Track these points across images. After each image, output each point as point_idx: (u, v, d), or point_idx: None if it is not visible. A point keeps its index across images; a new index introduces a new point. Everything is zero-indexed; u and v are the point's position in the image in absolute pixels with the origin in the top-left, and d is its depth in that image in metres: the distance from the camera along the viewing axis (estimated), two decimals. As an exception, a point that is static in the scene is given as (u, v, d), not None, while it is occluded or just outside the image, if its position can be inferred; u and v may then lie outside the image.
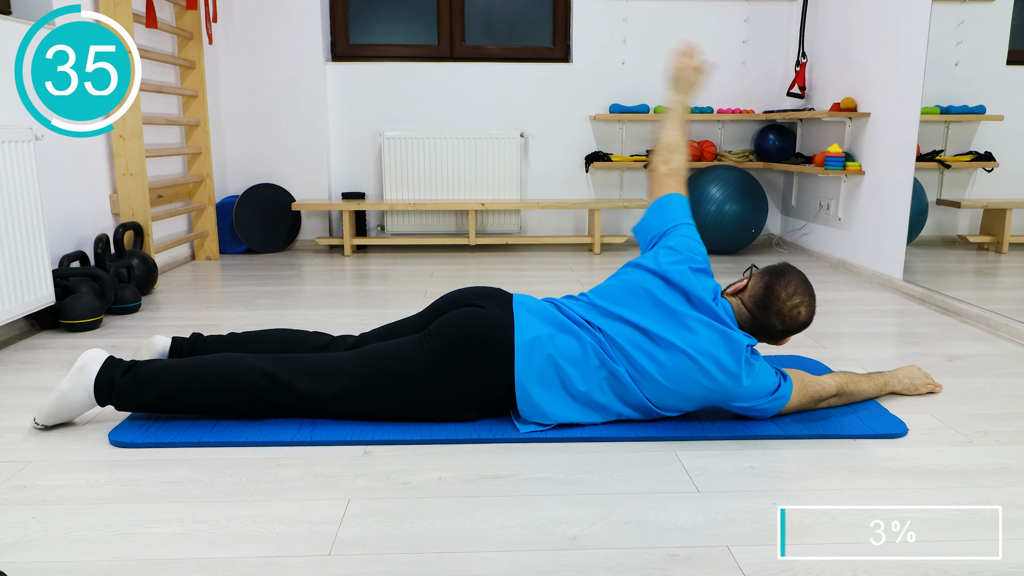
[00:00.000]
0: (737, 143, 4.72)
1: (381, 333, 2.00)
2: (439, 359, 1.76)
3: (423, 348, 1.78)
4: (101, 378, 1.75)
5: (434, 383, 1.77)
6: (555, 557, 1.31)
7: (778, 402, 1.81)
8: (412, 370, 1.77)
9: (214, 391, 1.76)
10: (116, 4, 3.16)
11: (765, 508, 1.47)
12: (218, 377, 1.77)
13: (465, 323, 1.78)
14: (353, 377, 1.78)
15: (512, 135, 4.49)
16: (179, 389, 1.75)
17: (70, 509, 1.46)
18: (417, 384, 1.77)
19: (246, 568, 1.27)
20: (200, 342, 2.00)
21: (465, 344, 1.75)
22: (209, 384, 1.76)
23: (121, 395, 1.75)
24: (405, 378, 1.77)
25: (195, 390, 1.76)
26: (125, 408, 1.78)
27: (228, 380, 1.76)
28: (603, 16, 4.50)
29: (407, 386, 1.77)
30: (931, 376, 2.13)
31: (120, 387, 1.74)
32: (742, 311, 1.83)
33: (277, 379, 1.77)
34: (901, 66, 3.40)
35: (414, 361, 1.77)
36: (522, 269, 3.98)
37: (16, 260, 2.44)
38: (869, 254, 3.71)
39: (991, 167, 3.18)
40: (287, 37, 4.34)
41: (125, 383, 1.74)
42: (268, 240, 4.45)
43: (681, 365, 1.73)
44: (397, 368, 1.77)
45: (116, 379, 1.75)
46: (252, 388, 1.76)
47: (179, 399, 1.76)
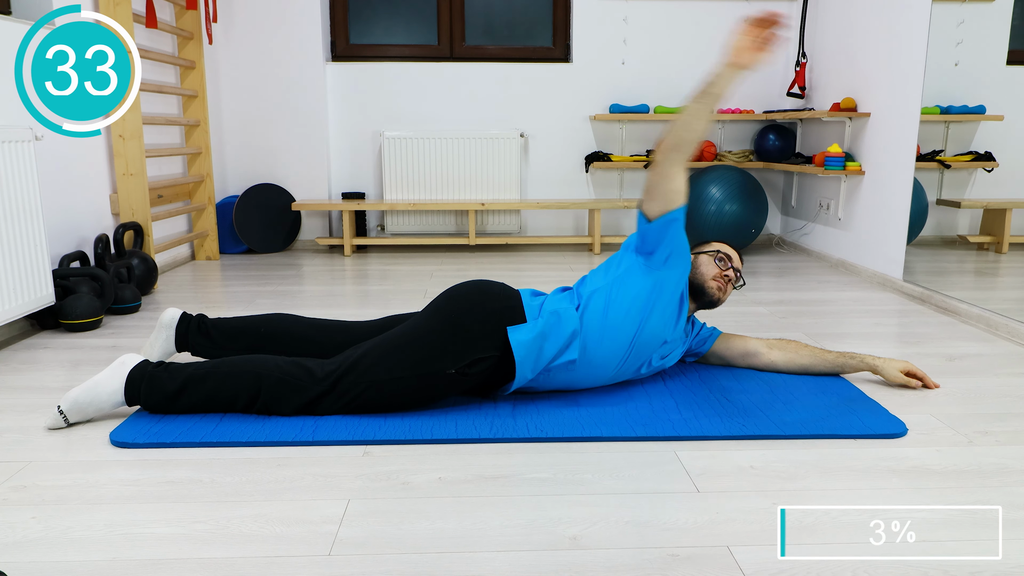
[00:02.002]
0: (737, 143, 4.72)
1: (390, 322, 2.13)
2: (448, 311, 1.91)
3: (432, 306, 1.96)
4: (135, 371, 1.84)
5: (447, 332, 1.87)
6: (555, 557, 1.31)
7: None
8: (422, 327, 1.90)
9: (240, 373, 1.85)
10: (116, 4, 3.16)
11: (765, 508, 1.47)
12: (245, 360, 1.88)
13: (476, 283, 2.00)
14: (371, 346, 1.88)
15: (512, 135, 4.49)
16: (207, 372, 1.85)
17: (70, 509, 1.46)
18: (429, 336, 1.87)
19: (246, 568, 1.27)
20: (209, 321, 2.13)
21: (477, 296, 1.93)
22: (236, 366, 1.86)
23: (151, 382, 1.83)
24: (416, 337, 1.87)
25: (223, 373, 1.85)
26: (152, 397, 1.83)
27: (255, 362, 1.87)
28: (603, 16, 4.50)
29: (420, 343, 1.86)
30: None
31: (152, 375, 1.84)
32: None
33: (302, 365, 1.87)
34: (901, 66, 3.40)
35: (423, 320, 1.92)
36: (522, 269, 3.98)
37: (16, 260, 2.44)
38: (869, 254, 3.71)
39: (991, 167, 3.18)
40: (287, 37, 4.34)
41: (157, 372, 1.85)
42: (268, 240, 4.45)
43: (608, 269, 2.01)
44: (410, 331, 1.89)
45: (149, 369, 1.86)
46: (278, 371, 1.85)
47: (207, 381, 1.84)
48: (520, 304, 1.94)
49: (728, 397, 2.03)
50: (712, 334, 2.26)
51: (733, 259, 2.15)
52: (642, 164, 4.48)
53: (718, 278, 2.10)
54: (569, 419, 1.87)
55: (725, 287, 2.11)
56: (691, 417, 1.89)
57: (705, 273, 2.10)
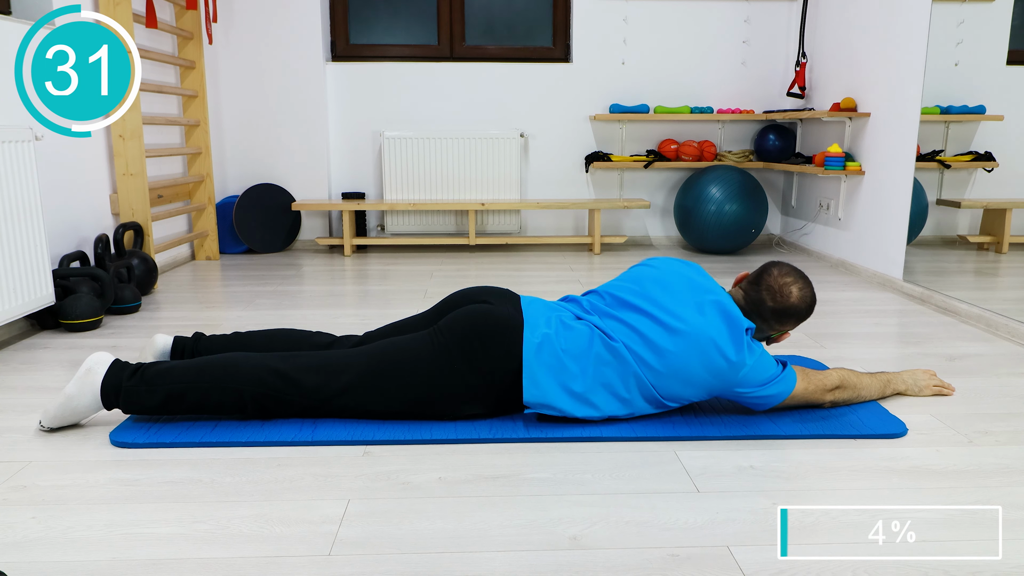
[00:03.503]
0: (737, 143, 4.72)
1: (387, 331, 2.01)
2: (448, 353, 1.77)
3: (432, 343, 1.80)
4: (108, 381, 1.75)
5: (443, 377, 1.78)
6: (555, 557, 1.31)
7: (781, 386, 1.82)
8: (421, 365, 1.78)
9: (223, 389, 1.76)
10: (116, 4, 3.16)
11: (765, 508, 1.47)
12: (227, 375, 1.76)
13: (475, 318, 1.81)
14: (362, 372, 1.79)
15: (512, 135, 4.49)
16: (187, 388, 1.75)
17: (70, 509, 1.46)
18: (426, 378, 1.78)
19: (246, 568, 1.27)
20: (203, 341, 2.00)
21: (475, 338, 1.77)
22: (218, 382, 1.76)
23: (128, 397, 1.74)
24: (414, 373, 1.78)
25: (204, 389, 1.75)
26: (132, 410, 1.77)
27: (237, 378, 1.76)
28: (603, 16, 4.50)
29: (416, 380, 1.78)
30: (941, 379, 2.12)
31: (127, 389, 1.74)
32: (738, 294, 1.91)
33: (286, 376, 1.78)
34: (901, 66, 3.40)
35: (423, 356, 1.78)
36: (522, 269, 3.98)
37: (16, 260, 2.44)
38: (869, 254, 3.71)
39: (991, 167, 3.18)
40: (287, 37, 4.34)
41: (132, 385, 1.74)
42: (268, 240, 4.45)
43: (682, 349, 1.74)
44: (406, 363, 1.79)
45: (123, 381, 1.75)
46: (261, 386, 1.76)
47: (187, 398, 1.75)
48: (520, 341, 1.78)
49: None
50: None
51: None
52: (642, 164, 4.48)
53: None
54: (569, 419, 1.87)
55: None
56: (691, 417, 1.89)
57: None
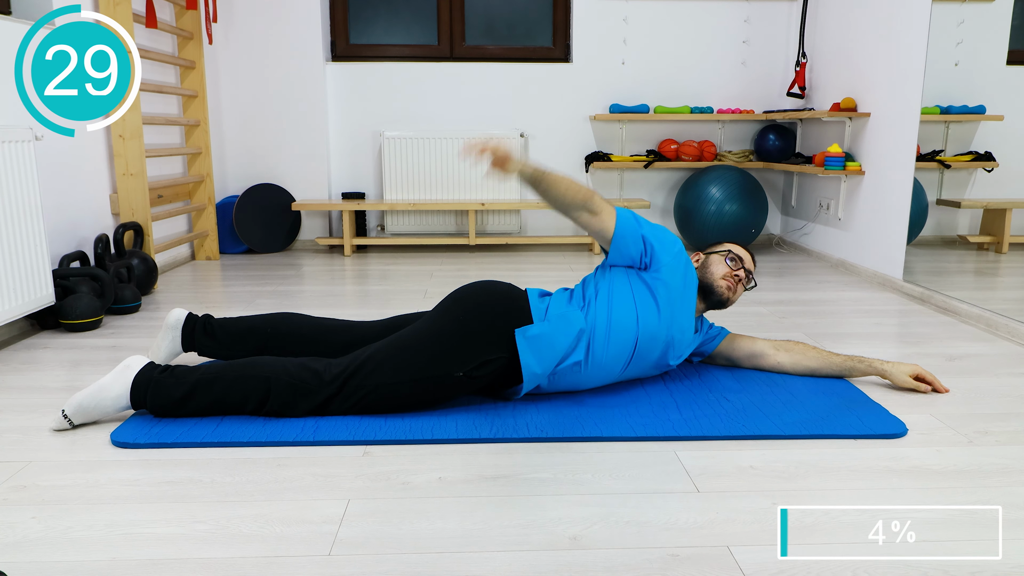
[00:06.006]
0: (737, 143, 4.72)
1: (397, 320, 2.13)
2: (461, 318, 1.89)
3: (444, 310, 1.94)
4: (141, 375, 1.83)
5: (459, 338, 1.87)
6: (555, 557, 1.31)
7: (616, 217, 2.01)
8: (436, 328, 1.89)
9: (250, 377, 1.83)
10: (116, 4, 3.16)
11: (765, 508, 1.47)
12: (253, 364, 1.87)
13: (480, 283, 2.01)
14: (383, 346, 1.88)
15: (512, 135, 4.49)
16: (215, 377, 1.83)
17: (70, 509, 1.46)
18: (439, 348, 1.86)
19: (246, 568, 1.27)
20: (215, 322, 2.14)
21: (484, 297, 1.94)
22: (245, 370, 1.84)
23: (158, 387, 1.81)
24: (429, 342, 1.87)
25: (232, 378, 1.83)
26: (158, 402, 1.81)
27: (264, 367, 1.85)
28: (603, 16, 4.50)
29: (430, 351, 1.85)
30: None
31: (158, 380, 1.82)
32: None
33: (312, 369, 1.86)
34: (901, 66, 3.40)
35: (436, 322, 1.91)
36: (522, 269, 3.98)
37: (16, 260, 2.44)
38: (869, 254, 3.71)
39: (991, 167, 3.18)
40: (287, 37, 4.34)
41: (163, 377, 1.83)
42: (268, 240, 4.45)
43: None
44: (424, 331, 1.90)
45: (155, 375, 1.83)
46: (286, 375, 1.84)
47: (214, 387, 1.82)
48: (527, 305, 1.93)
49: (728, 397, 2.03)
50: (720, 334, 2.25)
51: (744, 260, 2.15)
52: (642, 164, 4.48)
53: (728, 278, 2.10)
54: (569, 419, 1.87)
55: (735, 287, 2.11)
56: (691, 417, 1.89)
57: (715, 272, 2.11)
